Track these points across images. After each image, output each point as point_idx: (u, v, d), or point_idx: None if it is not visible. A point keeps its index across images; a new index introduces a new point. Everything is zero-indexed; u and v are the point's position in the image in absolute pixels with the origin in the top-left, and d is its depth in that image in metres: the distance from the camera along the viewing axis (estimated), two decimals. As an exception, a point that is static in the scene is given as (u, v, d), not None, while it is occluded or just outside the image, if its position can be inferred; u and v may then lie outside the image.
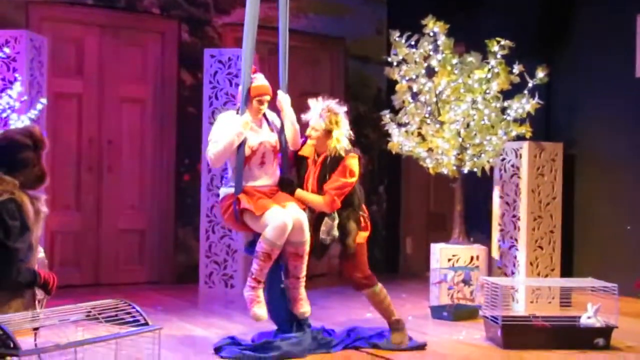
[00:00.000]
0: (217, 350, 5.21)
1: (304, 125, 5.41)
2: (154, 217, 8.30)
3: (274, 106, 5.44)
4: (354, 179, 5.27)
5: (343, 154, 5.26)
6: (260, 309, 5.06)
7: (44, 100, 6.68)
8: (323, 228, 5.21)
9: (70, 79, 7.90)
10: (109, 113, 8.08)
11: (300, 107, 5.42)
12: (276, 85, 5.47)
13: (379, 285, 5.44)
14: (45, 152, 4.14)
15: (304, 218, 5.10)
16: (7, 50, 6.60)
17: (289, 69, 5.58)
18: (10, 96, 6.38)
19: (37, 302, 3.97)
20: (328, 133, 5.26)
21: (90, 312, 3.80)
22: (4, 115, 6.35)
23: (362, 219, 5.39)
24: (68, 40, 7.87)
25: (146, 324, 3.84)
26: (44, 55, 7.05)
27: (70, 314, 3.80)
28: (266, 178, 5.24)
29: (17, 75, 6.60)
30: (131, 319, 3.83)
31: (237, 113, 5.24)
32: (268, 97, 5.29)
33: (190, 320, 6.36)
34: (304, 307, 5.22)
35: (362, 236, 5.39)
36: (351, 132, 5.38)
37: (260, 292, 5.10)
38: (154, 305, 6.63)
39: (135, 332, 3.80)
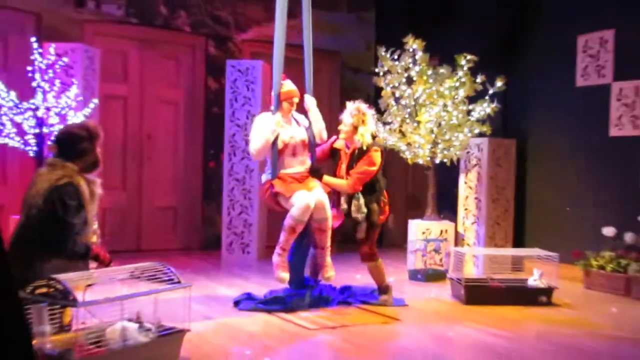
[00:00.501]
0: (236, 303, 5.27)
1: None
2: (184, 196, 8.34)
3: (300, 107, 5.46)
4: (375, 168, 5.29)
5: (365, 148, 5.28)
6: (284, 273, 5.06)
7: (95, 101, 6.73)
8: (353, 208, 5.23)
9: (117, 84, 7.90)
10: (149, 112, 8.11)
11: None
12: (303, 91, 5.46)
13: (380, 260, 5.48)
14: (99, 143, 4.16)
15: (325, 199, 5.11)
16: (65, 59, 6.61)
17: (295, 76, 5.55)
18: (68, 97, 6.41)
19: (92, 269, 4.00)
20: (355, 129, 5.30)
21: (133, 272, 3.84)
22: (63, 112, 6.38)
23: (382, 203, 5.42)
24: (116, 52, 7.88)
25: (179, 282, 3.88)
26: (96, 64, 7.09)
27: (117, 274, 3.84)
28: (298, 166, 5.23)
29: (73, 80, 6.65)
30: (167, 278, 3.87)
31: (272, 113, 5.23)
32: (297, 99, 5.30)
33: (214, 279, 6.41)
34: (329, 272, 5.21)
35: (380, 219, 5.42)
36: (376, 130, 5.44)
37: (285, 259, 5.10)
38: (184, 268, 6.65)
39: (170, 289, 3.85)
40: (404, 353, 4.22)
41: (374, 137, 5.43)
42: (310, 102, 5.41)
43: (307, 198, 4.96)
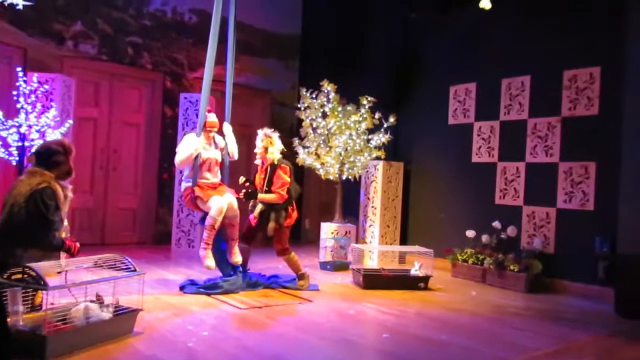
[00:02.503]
0: (181, 288, 5.12)
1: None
2: (142, 200, 8.04)
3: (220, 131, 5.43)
4: (288, 179, 5.29)
5: (276, 163, 5.29)
6: (210, 261, 5.01)
7: (70, 121, 6.44)
8: (256, 209, 5.25)
9: (89, 108, 7.57)
10: (115, 132, 7.79)
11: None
12: (223, 119, 5.47)
13: (292, 253, 5.45)
14: (72, 156, 4.02)
15: (234, 201, 5.13)
16: (46, 86, 6.36)
17: (234, 108, 5.57)
18: (47, 117, 6.12)
19: (62, 258, 3.84)
20: (266, 150, 5.30)
21: (97, 261, 3.69)
22: (43, 130, 6.08)
23: (290, 209, 5.36)
24: (89, 82, 7.55)
25: (135, 270, 3.74)
26: (72, 91, 6.77)
27: (84, 263, 3.68)
28: (212, 177, 5.22)
29: (52, 104, 6.33)
30: (125, 267, 3.74)
31: (197, 135, 5.22)
32: (216, 129, 5.32)
33: (164, 268, 6.19)
34: (237, 258, 5.19)
35: (287, 222, 5.36)
36: (284, 148, 5.44)
37: (210, 251, 5.03)
38: (140, 258, 6.42)
39: (127, 276, 3.71)
40: (315, 327, 4.18)
41: (282, 153, 5.42)
42: (227, 129, 5.43)
43: (221, 201, 5.00)
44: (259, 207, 5.27)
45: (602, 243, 5.62)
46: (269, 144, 5.31)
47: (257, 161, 5.49)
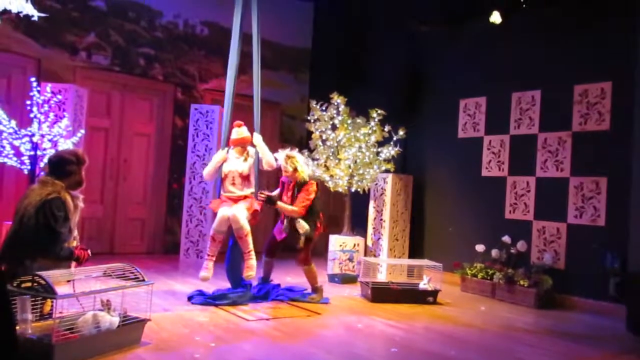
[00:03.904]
0: (189, 299, 5.11)
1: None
2: (152, 210, 8.06)
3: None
4: (312, 197, 5.29)
5: (307, 179, 5.33)
6: (204, 273, 5.04)
7: (82, 131, 6.49)
8: (298, 226, 5.22)
9: (101, 118, 7.63)
10: (126, 142, 7.84)
11: (251, 144, 5.42)
12: (252, 130, 5.48)
13: (312, 265, 5.44)
14: (85, 167, 4.03)
15: (238, 214, 5.05)
16: (59, 96, 6.44)
17: (244, 120, 5.55)
18: (59, 127, 6.17)
19: (71, 267, 3.85)
20: (295, 170, 5.30)
21: (106, 271, 3.69)
22: (55, 139, 6.14)
23: (318, 222, 5.38)
24: (101, 93, 7.61)
25: (143, 280, 3.75)
26: (84, 101, 6.84)
27: (93, 272, 3.68)
28: (237, 191, 5.25)
29: (65, 113, 6.41)
30: (133, 277, 3.74)
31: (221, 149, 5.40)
32: (245, 143, 5.34)
33: (172, 278, 6.18)
34: (248, 272, 5.12)
35: (315, 235, 5.39)
36: (307, 162, 5.48)
37: (210, 263, 5.05)
38: (149, 268, 6.43)
39: (136, 285, 3.72)
40: (323, 340, 4.15)
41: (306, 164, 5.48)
42: (257, 139, 5.40)
43: (224, 212, 5.01)
44: (302, 224, 5.19)
45: (613, 259, 5.55)
46: (295, 164, 5.31)
47: (285, 178, 5.47)
